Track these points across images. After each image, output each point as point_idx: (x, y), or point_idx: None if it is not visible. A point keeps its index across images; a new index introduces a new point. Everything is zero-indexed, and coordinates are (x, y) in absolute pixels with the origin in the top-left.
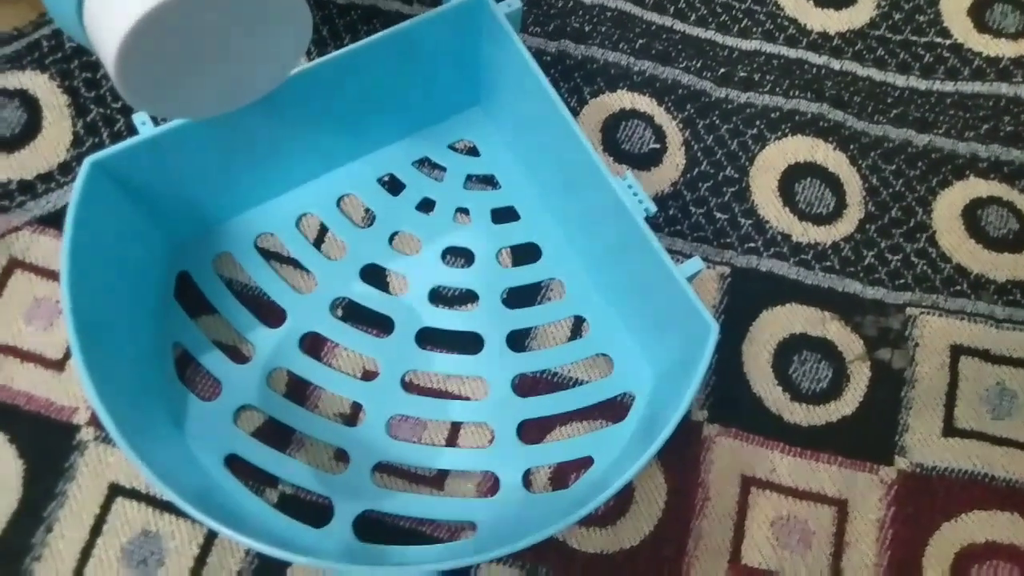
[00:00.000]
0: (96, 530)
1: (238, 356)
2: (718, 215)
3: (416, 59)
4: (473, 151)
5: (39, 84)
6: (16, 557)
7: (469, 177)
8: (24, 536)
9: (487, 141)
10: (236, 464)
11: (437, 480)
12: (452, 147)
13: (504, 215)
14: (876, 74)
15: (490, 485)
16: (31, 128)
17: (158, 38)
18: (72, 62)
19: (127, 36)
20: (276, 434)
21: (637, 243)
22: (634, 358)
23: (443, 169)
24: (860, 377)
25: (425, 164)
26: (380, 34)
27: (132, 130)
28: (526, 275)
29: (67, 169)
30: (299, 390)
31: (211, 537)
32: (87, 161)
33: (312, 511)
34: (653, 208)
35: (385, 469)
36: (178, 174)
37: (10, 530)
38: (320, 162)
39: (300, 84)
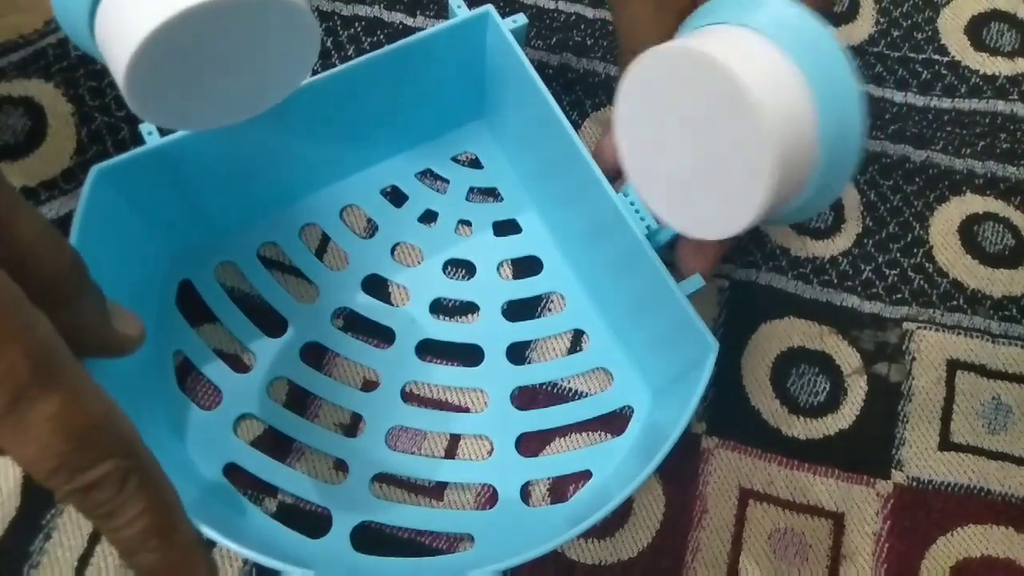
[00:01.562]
0: (95, 538)
1: (239, 365)
2: None
3: (421, 73)
4: (476, 164)
5: (44, 92)
6: (14, 565)
7: (471, 189)
8: (23, 544)
9: (490, 154)
10: (235, 473)
11: (436, 491)
12: (455, 159)
13: (506, 228)
14: (874, 90)
15: (488, 496)
16: (35, 135)
17: (169, 51)
18: (77, 71)
19: (139, 48)
20: (276, 444)
21: (638, 258)
22: (633, 372)
23: (446, 181)
24: (857, 391)
25: (428, 176)
26: (387, 48)
27: (136, 139)
28: (527, 288)
29: (70, 177)
30: (299, 400)
31: (209, 546)
32: (94, 169)
33: (311, 521)
34: (655, 224)
35: (384, 480)
36: (183, 183)
37: (8, 537)
38: (323, 173)
39: (305, 97)
